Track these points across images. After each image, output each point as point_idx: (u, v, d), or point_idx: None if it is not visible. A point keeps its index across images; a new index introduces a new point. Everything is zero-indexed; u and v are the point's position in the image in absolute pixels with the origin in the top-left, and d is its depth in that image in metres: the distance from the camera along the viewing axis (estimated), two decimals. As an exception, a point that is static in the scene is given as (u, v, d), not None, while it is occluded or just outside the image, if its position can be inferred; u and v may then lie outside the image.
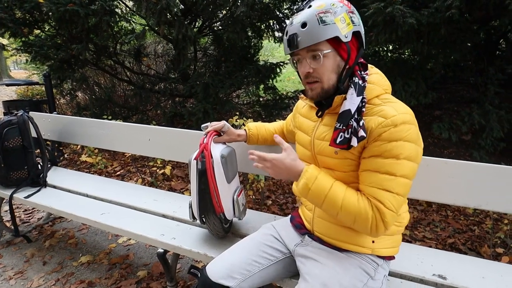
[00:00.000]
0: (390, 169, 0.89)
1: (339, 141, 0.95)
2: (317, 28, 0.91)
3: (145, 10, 2.91)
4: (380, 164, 0.90)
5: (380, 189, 0.90)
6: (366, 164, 0.94)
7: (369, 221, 0.90)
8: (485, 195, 1.25)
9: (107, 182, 2.10)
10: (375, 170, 0.91)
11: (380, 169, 0.90)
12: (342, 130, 0.95)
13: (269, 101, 4.72)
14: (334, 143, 0.96)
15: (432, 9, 2.02)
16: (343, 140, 0.94)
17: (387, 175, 0.90)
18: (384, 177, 0.90)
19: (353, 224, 0.93)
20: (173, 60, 5.39)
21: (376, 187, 0.91)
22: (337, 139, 0.95)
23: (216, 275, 1.06)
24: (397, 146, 0.89)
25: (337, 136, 0.96)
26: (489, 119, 2.53)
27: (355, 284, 0.98)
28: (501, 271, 1.22)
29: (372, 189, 0.91)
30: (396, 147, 0.89)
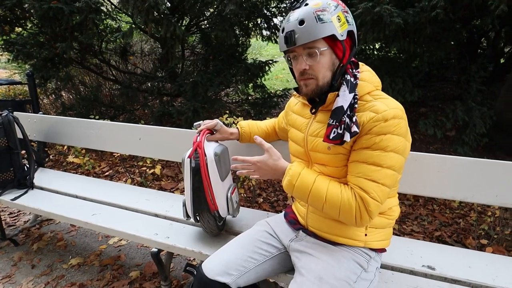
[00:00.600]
0: (377, 160, 0.92)
1: (332, 136, 0.97)
2: (314, 26, 0.93)
3: (132, 8, 2.87)
4: (368, 155, 0.93)
5: (366, 179, 0.93)
6: (355, 156, 0.97)
7: (353, 211, 0.93)
8: (470, 188, 1.30)
9: (97, 183, 2.07)
10: (362, 161, 0.94)
11: (368, 160, 0.93)
12: (335, 126, 0.97)
13: (258, 99, 4.74)
14: (328, 139, 0.98)
15: (417, 9, 2.08)
16: (336, 136, 0.96)
17: (373, 166, 0.93)
18: (371, 168, 0.93)
19: (338, 216, 0.96)
20: (160, 59, 5.34)
21: (363, 177, 0.94)
22: (330, 135, 0.97)
23: (212, 272, 1.07)
24: (386, 139, 0.92)
25: (330, 132, 0.98)
26: (472, 116, 2.61)
27: (349, 276, 1.00)
28: (486, 260, 1.27)
29: (359, 179, 0.94)
30: (384, 140, 0.92)
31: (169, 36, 3.11)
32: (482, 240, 1.98)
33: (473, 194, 1.30)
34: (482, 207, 2.34)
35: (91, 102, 4.57)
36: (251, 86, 4.43)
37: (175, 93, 4.50)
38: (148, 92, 4.66)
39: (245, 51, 5.11)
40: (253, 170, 1.07)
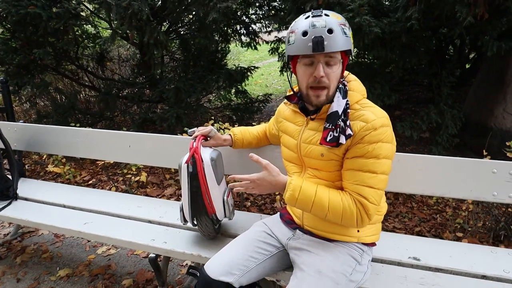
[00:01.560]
0: (372, 168, 1.01)
1: (329, 139, 1.04)
2: (341, 38, 0.99)
3: (115, 14, 2.85)
4: (363, 163, 1.01)
5: (364, 186, 1.01)
6: (350, 164, 1.04)
7: (354, 216, 1.01)
8: (448, 184, 1.41)
9: (84, 192, 2.04)
10: (358, 169, 1.02)
11: (363, 168, 1.01)
12: (331, 129, 1.04)
13: (240, 105, 4.79)
14: (325, 141, 1.05)
15: (393, 19, 2.22)
16: (333, 139, 1.04)
17: (369, 173, 1.01)
18: (367, 175, 1.01)
19: (341, 221, 1.03)
20: (139, 65, 5.28)
21: (360, 184, 1.01)
22: (327, 138, 1.05)
23: (215, 273, 1.11)
24: (377, 147, 1.00)
25: (327, 135, 1.05)
26: (444, 118, 2.80)
27: (346, 269, 1.08)
28: (464, 250, 1.39)
29: (357, 186, 1.02)
30: (376, 148, 1.00)
31: (152, 42, 3.10)
32: (458, 233, 2.13)
33: (450, 190, 1.42)
34: (456, 203, 2.51)
35: (68, 110, 4.45)
36: (233, 91, 4.48)
37: (156, 100, 4.47)
38: (128, 98, 4.59)
39: (224, 57, 5.17)
40: (252, 187, 1.08)
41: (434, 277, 1.23)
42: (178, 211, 1.70)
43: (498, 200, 1.38)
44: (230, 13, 3.62)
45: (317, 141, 1.10)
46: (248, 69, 4.21)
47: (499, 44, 2.23)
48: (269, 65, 10.79)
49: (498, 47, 2.23)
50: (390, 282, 1.20)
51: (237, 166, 1.70)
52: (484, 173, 1.38)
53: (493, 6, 1.84)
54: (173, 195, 2.98)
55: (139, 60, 5.27)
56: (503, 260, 1.32)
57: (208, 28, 3.29)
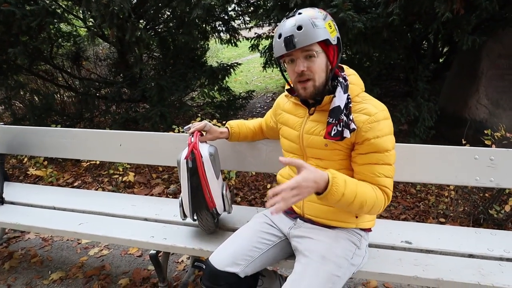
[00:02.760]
0: (387, 160, 1.08)
1: (333, 134, 1.08)
2: (312, 31, 1.03)
3: (95, 11, 2.78)
4: (379, 157, 1.07)
5: (384, 177, 1.07)
6: (367, 159, 1.09)
7: (383, 204, 1.07)
8: (435, 171, 1.50)
9: (72, 193, 2.00)
10: (375, 163, 1.08)
11: (379, 162, 1.07)
12: (334, 124, 1.08)
13: (223, 102, 4.79)
14: (329, 136, 1.09)
15: (374, 15, 2.31)
16: (337, 133, 1.08)
17: (386, 165, 1.08)
18: (384, 167, 1.08)
19: (370, 210, 1.06)
20: (117, 64, 5.16)
21: (381, 176, 1.07)
22: (332, 132, 1.09)
23: (221, 264, 1.13)
24: (386, 141, 1.07)
25: (331, 130, 1.09)
26: (421, 111, 2.94)
27: (347, 254, 1.13)
28: (451, 232, 1.49)
29: (378, 178, 1.07)
30: (385, 142, 1.07)
31: (134, 40, 3.05)
32: (441, 219, 2.26)
33: (436, 176, 1.51)
34: (438, 191, 2.65)
35: (45, 111, 4.28)
36: (216, 88, 4.47)
37: (138, 99, 4.39)
38: (108, 98, 4.48)
39: (204, 54, 5.14)
40: (296, 194, 0.91)
41: (426, 258, 1.31)
42: (173, 208, 1.73)
43: (481, 184, 1.48)
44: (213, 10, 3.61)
45: (320, 132, 1.14)
46: (231, 65, 4.21)
47: (474, 38, 2.36)
48: (248, 62, 10.80)
49: (473, 41, 2.37)
50: (386, 265, 1.27)
51: (232, 161, 1.72)
52: (467, 159, 1.48)
53: (468, 2, 1.95)
54: (161, 194, 2.96)
55: (117, 58, 5.15)
56: (486, 240, 1.42)
57: (191, 25, 3.26)
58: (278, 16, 2.49)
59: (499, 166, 1.45)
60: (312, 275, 1.04)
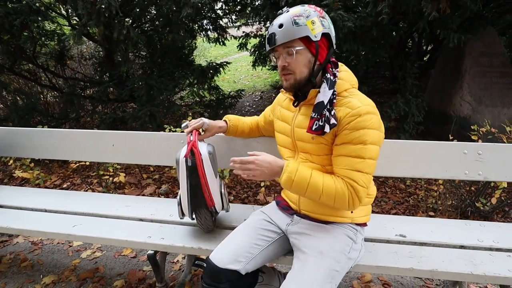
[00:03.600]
0: (360, 153, 1.07)
1: (315, 128, 1.10)
2: (291, 29, 1.07)
3: (82, 9, 2.72)
4: (351, 149, 1.07)
5: (353, 170, 1.07)
6: (339, 150, 1.10)
7: (346, 198, 1.07)
8: (426, 166, 1.54)
9: (63, 195, 1.95)
10: (347, 154, 1.08)
11: (351, 154, 1.07)
12: (316, 119, 1.10)
13: (212, 101, 4.77)
14: (311, 130, 1.11)
15: (364, 14, 2.35)
16: (318, 127, 1.10)
17: (357, 158, 1.07)
18: (355, 160, 1.07)
19: (333, 204, 1.08)
20: (102, 63, 5.06)
21: (350, 169, 1.07)
22: (313, 127, 1.11)
23: (222, 262, 1.14)
24: (363, 134, 1.06)
25: (313, 124, 1.11)
26: (410, 107, 3.01)
27: (344, 248, 1.16)
28: (442, 224, 1.53)
29: (347, 171, 1.08)
30: (362, 135, 1.06)
31: (122, 39, 3.00)
32: (430, 213, 2.33)
33: (428, 171, 1.55)
34: (426, 185, 2.72)
35: (29, 112, 4.16)
36: (206, 88, 4.45)
37: (126, 98, 4.32)
38: (95, 98, 4.38)
39: (191, 53, 5.10)
40: (251, 169, 1.09)
41: (420, 250, 1.35)
42: (169, 208, 1.72)
43: (470, 177, 1.54)
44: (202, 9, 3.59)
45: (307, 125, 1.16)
46: (221, 64, 4.20)
47: (459, 36, 2.44)
48: (235, 60, 10.76)
49: (458, 39, 2.45)
50: (383, 258, 1.30)
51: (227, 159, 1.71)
52: (456, 154, 1.53)
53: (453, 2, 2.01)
54: (153, 194, 2.93)
55: (103, 57, 5.05)
56: (476, 231, 1.48)
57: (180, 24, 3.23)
58: (268, 14, 2.50)
59: (487, 160, 1.51)
60: (312, 271, 1.06)
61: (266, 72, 8.33)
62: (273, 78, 7.92)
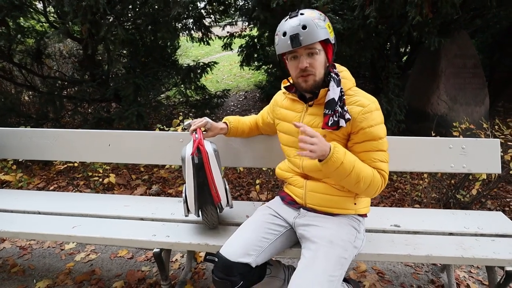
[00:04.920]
0: (381, 147, 1.18)
1: (330, 123, 1.17)
2: (315, 30, 1.12)
3: (68, 6, 2.65)
4: (375, 144, 1.17)
5: (380, 161, 1.17)
6: (363, 147, 1.18)
7: (379, 185, 1.17)
8: (416, 160, 1.65)
9: (56, 197, 1.90)
10: (371, 150, 1.17)
11: (375, 148, 1.17)
12: (331, 115, 1.17)
13: (198, 101, 4.76)
14: (327, 126, 1.18)
15: (350, 17, 2.45)
16: (333, 123, 1.17)
17: (380, 151, 1.18)
18: (380, 154, 1.18)
19: (366, 189, 1.15)
20: (83, 61, 4.91)
21: (379, 160, 1.17)
22: (329, 122, 1.18)
23: (234, 255, 1.17)
24: (379, 129, 1.17)
25: (328, 120, 1.18)
26: (393, 106, 3.16)
27: (350, 238, 1.23)
28: (431, 214, 1.64)
29: (377, 163, 1.17)
30: (378, 130, 1.17)
31: (109, 37, 2.95)
32: (416, 205, 2.46)
33: (419, 165, 1.66)
34: (411, 180, 2.87)
35: (8, 112, 3.99)
36: (193, 87, 4.43)
37: (110, 98, 4.23)
38: (77, 98, 4.26)
39: (174, 52, 5.06)
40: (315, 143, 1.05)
41: (414, 238, 1.44)
42: (170, 207, 1.74)
43: (455, 170, 1.66)
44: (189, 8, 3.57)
45: (318, 124, 1.23)
46: (208, 64, 4.20)
47: (439, 40, 2.60)
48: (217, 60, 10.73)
49: (439, 42, 2.61)
50: (382, 246, 1.38)
51: (227, 157, 1.76)
52: (442, 149, 1.64)
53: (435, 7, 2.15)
54: (144, 195, 2.90)
55: (83, 56, 4.91)
56: (461, 219, 1.60)
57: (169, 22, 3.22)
58: (260, 15, 2.55)
59: (470, 153, 1.63)
60: (323, 259, 1.12)
61: (249, 72, 8.36)
62: (256, 78, 7.98)
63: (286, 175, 1.42)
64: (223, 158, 1.74)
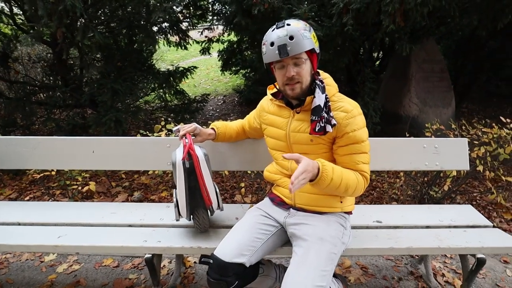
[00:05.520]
0: (363, 149, 1.25)
1: (317, 129, 1.24)
2: (302, 41, 1.17)
3: (42, 10, 2.57)
4: (357, 148, 1.25)
5: (362, 163, 1.25)
6: (346, 150, 1.26)
7: (362, 187, 1.25)
8: (394, 159, 1.75)
9: (34, 206, 1.83)
10: (354, 152, 1.25)
11: (357, 151, 1.25)
12: (317, 121, 1.23)
13: (177, 106, 4.72)
14: (314, 131, 1.24)
15: (329, 24, 2.56)
16: (320, 128, 1.23)
17: (363, 154, 1.25)
18: (362, 156, 1.25)
19: (353, 192, 1.23)
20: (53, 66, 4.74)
21: (360, 163, 1.25)
22: (316, 128, 1.24)
23: (228, 256, 1.21)
24: (361, 133, 1.25)
25: (315, 126, 1.24)
26: (369, 108, 3.31)
27: (338, 234, 1.29)
28: (409, 210, 1.75)
29: (357, 165, 1.25)
30: (360, 134, 1.25)
31: (87, 42, 2.88)
32: (393, 203, 2.59)
33: (396, 164, 1.77)
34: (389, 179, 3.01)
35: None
36: (173, 92, 4.40)
37: (86, 104, 4.11)
38: (49, 104, 4.10)
39: (150, 56, 5.00)
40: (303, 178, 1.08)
41: (395, 232, 1.54)
42: (157, 212, 1.74)
43: (429, 168, 1.78)
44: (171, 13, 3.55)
45: (305, 129, 1.29)
46: (188, 69, 4.19)
47: (411, 46, 2.77)
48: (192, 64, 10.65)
49: (410, 48, 2.78)
50: (367, 241, 1.46)
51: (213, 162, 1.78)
52: (417, 148, 1.76)
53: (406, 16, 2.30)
54: (126, 201, 2.85)
55: (53, 60, 4.74)
56: (436, 213, 1.72)
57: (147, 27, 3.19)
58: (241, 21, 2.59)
59: (442, 152, 1.76)
60: (314, 255, 1.18)
61: (227, 76, 8.38)
62: (234, 82, 8.02)
63: (275, 177, 1.46)
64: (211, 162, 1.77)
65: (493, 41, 4.83)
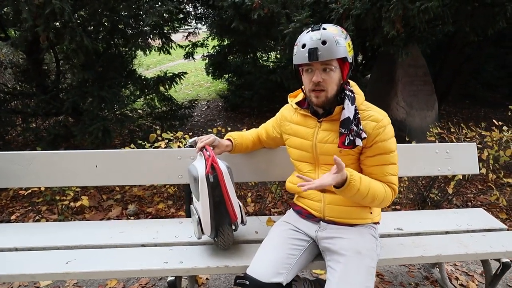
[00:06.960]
0: (393, 160, 1.23)
1: (347, 143, 1.20)
2: (334, 47, 1.13)
3: (27, 13, 2.38)
4: (387, 158, 1.22)
5: (391, 175, 1.23)
6: (376, 161, 1.23)
7: (390, 199, 1.23)
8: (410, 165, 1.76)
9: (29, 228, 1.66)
10: (383, 163, 1.23)
11: (386, 162, 1.23)
12: (347, 134, 1.20)
13: (165, 112, 4.57)
14: (343, 145, 1.21)
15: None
16: (349, 142, 1.20)
17: (392, 165, 1.23)
18: (391, 167, 1.23)
19: (380, 203, 1.22)
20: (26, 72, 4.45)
21: (389, 174, 1.23)
22: (345, 142, 1.20)
23: (265, 276, 1.14)
24: (391, 143, 1.23)
25: (344, 140, 1.20)
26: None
27: (373, 246, 1.27)
28: (425, 215, 1.76)
29: (386, 177, 1.22)
30: (390, 144, 1.23)
31: (73, 47, 2.71)
32: (397, 206, 2.62)
33: (410, 170, 1.77)
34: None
35: None
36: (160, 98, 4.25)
37: (68, 112, 3.87)
38: (27, 113, 3.82)
39: (130, 61, 4.81)
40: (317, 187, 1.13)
41: (419, 240, 1.53)
42: (171, 229, 1.65)
43: (442, 173, 1.80)
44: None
45: (333, 140, 1.25)
46: (178, 75, 4.07)
47: (406, 52, 2.83)
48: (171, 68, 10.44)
49: (405, 54, 2.84)
50: (395, 250, 1.44)
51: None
52: (430, 154, 1.78)
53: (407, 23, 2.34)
54: (120, 216, 2.70)
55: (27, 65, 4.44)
56: (451, 218, 1.74)
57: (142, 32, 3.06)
58: (239, 26, 2.54)
59: (453, 157, 1.79)
60: (355, 270, 1.14)
61: (208, 80, 8.27)
62: (215, 86, 7.91)
63: (299, 189, 1.41)
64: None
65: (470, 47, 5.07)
